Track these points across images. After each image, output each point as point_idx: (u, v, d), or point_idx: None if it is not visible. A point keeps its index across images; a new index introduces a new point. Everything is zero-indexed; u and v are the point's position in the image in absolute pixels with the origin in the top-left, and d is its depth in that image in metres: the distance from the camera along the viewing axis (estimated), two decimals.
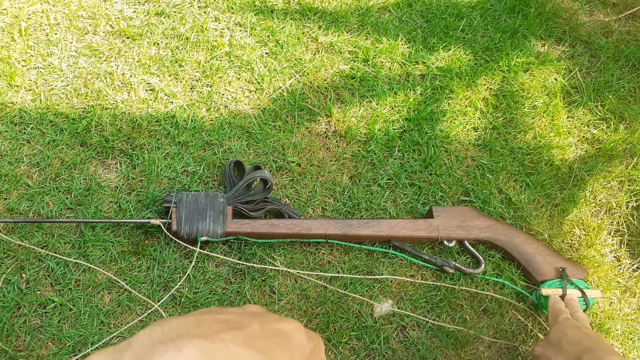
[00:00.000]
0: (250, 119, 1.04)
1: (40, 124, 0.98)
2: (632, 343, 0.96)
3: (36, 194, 0.92)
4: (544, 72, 1.17)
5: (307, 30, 1.14)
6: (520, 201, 1.02)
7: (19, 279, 0.86)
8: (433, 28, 1.18)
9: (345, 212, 0.98)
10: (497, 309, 0.94)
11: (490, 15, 1.23)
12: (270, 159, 1.00)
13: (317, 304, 0.91)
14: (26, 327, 0.84)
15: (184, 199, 0.89)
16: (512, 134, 1.09)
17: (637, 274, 1.01)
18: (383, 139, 1.05)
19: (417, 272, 0.95)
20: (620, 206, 1.05)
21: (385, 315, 0.91)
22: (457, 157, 1.05)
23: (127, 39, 1.08)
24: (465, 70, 1.14)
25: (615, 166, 1.08)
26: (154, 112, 1.02)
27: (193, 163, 0.98)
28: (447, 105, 1.10)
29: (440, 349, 0.90)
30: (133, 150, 0.98)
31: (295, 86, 1.08)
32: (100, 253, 0.90)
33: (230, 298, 0.89)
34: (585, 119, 1.13)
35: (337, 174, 1.01)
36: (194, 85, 1.06)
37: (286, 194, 0.98)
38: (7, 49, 1.04)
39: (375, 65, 1.12)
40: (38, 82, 1.02)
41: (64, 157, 0.96)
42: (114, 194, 0.94)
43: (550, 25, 1.23)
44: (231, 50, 1.09)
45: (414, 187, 1.02)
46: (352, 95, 1.09)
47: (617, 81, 1.17)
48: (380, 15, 1.19)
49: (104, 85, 1.03)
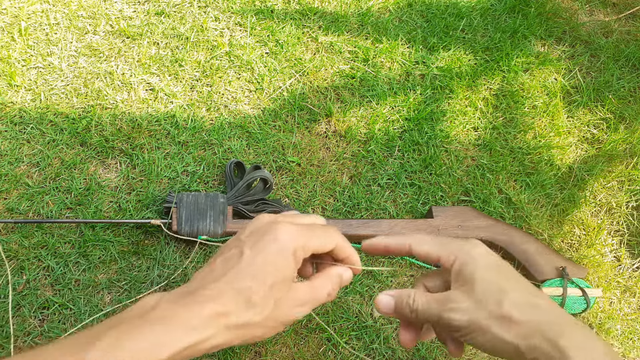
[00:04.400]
0: (250, 118, 1.04)
1: (40, 123, 0.98)
2: (632, 343, 0.96)
3: (36, 193, 0.92)
4: (544, 72, 1.17)
5: (307, 30, 1.14)
6: (520, 201, 1.02)
7: (18, 279, 0.86)
8: (433, 28, 1.18)
9: (345, 212, 0.98)
10: None
11: (490, 15, 1.23)
12: (270, 159, 1.00)
13: None
14: (26, 327, 0.84)
15: (184, 199, 0.89)
16: (512, 134, 1.09)
17: (637, 274, 1.01)
18: (383, 138, 1.05)
19: (417, 272, 0.95)
20: (620, 206, 1.05)
21: (385, 315, 0.91)
22: (457, 157, 1.05)
23: (127, 38, 1.08)
24: (465, 70, 1.14)
25: (615, 166, 1.08)
26: (154, 112, 1.02)
27: (193, 163, 0.98)
28: (447, 105, 1.10)
29: (440, 349, 0.90)
30: (133, 150, 0.98)
31: (295, 86, 1.08)
32: (100, 253, 0.90)
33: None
34: (585, 119, 1.13)
35: (337, 174, 1.01)
36: (194, 85, 1.06)
37: (286, 193, 0.98)
38: (7, 49, 1.04)
39: (375, 65, 1.12)
40: (38, 82, 1.02)
41: (64, 156, 0.96)
42: (114, 194, 0.94)
43: (550, 25, 1.23)
44: (231, 50, 1.09)
45: (414, 187, 1.02)
46: (352, 95, 1.09)
47: (617, 81, 1.17)
48: (380, 15, 1.19)
49: (104, 85, 1.03)
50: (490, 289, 0.45)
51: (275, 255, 0.45)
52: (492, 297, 0.45)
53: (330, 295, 0.50)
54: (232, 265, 0.44)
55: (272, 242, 0.45)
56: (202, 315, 0.42)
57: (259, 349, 0.87)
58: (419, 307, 0.49)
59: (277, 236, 0.45)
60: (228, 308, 0.43)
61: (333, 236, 0.50)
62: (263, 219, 0.48)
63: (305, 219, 0.51)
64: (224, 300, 0.43)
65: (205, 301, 0.43)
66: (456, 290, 0.47)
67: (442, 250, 0.49)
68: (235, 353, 0.86)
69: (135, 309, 0.44)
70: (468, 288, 0.46)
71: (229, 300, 0.43)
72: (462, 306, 0.46)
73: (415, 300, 0.49)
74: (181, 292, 0.44)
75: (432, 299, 0.48)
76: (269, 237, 0.45)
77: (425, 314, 0.48)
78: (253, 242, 0.45)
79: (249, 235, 0.46)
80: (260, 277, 0.44)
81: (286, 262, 0.45)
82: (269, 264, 0.44)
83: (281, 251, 0.45)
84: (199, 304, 0.42)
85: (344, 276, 0.52)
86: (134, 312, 0.43)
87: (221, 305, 0.43)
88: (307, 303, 0.48)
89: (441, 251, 0.49)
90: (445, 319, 0.46)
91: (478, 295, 0.45)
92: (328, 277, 0.51)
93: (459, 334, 0.47)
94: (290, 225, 0.46)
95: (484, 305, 0.45)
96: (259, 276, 0.44)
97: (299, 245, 0.46)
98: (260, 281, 0.44)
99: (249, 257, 0.44)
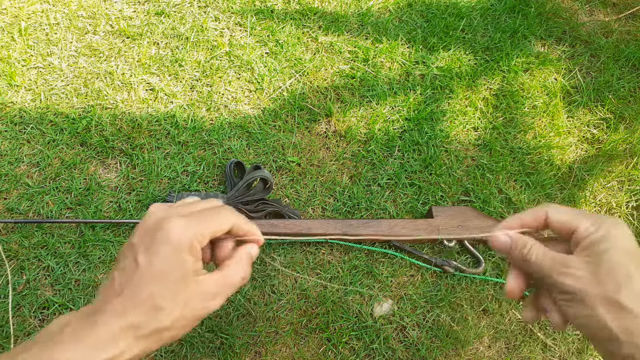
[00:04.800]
0: (250, 118, 1.04)
1: (40, 123, 0.98)
2: None
3: (36, 193, 0.92)
4: (544, 72, 1.17)
5: (307, 30, 1.14)
6: (520, 201, 1.02)
7: (18, 279, 0.86)
8: (433, 28, 1.18)
9: (345, 212, 0.98)
10: (497, 309, 0.94)
11: (490, 15, 1.23)
12: (270, 159, 1.00)
13: (317, 303, 0.91)
14: (26, 327, 0.84)
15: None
16: (512, 134, 1.09)
17: None
18: (383, 138, 1.05)
19: (417, 272, 0.95)
20: (620, 206, 1.05)
21: (385, 315, 0.91)
22: (457, 157, 1.05)
23: (127, 38, 1.08)
24: (465, 70, 1.14)
25: (615, 166, 1.08)
26: (154, 112, 1.02)
27: (193, 163, 0.98)
28: (447, 105, 1.10)
29: (440, 349, 0.90)
30: (133, 150, 0.98)
31: (295, 86, 1.08)
32: (100, 253, 0.90)
33: (230, 297, 0.89)
34: (585, 119, 1.13)
35: (337, 174, 1.01)
36: (194, 85, 1.06)
37: (286, 193, 0.98)
38: (7, 49, 1.04)
39: (375, 65, 1.12)
40: (38, 82, 1.02)
41: (64, 156, 0.96)
42: (114, 194, 0.94)
43: (550, 25, 1.23)
44: (231, 50, 1.09)
45: (414, 187, 1.02)
46: (352, 95, 1.09)
47: (617, 81, 1.17)
48: (380, 15, 1.19)
49: (104, 85, 1.03)
50: (616, 270, 0.44)
51: (171, 255, 0.44)
52: (613, 279, 0.43)
53: (245, 278, 0.49)
54: (131, 276, 0.44)
55: (164, 243, 0.44)
56: (111, 331, 0.42)
57: (259, 349, 0.87)
58: (532, 257, 0.48)
59: (169, 235, 0.44)
60: (135, 320, 0.43)
61: (227, 216, 0.49)
62: (152, 216, 0.46)
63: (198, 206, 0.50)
64: (130, 313, 0.43)
65: (112, 317, 0.43)
66: (578, 257, 0.46)
67: (582, 220, 0.47)
68: (236, 353, 0.86)
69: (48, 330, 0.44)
70: (594, 260, 0.45)
71: (135, 311, 0.43)
72: (578, 273, 0.45)
73: (531, 249, 0.49)
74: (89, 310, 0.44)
75: (549, 255, 0.48)
76: (161, 238, 0.44)
77: (538, 266, 0.48)
78: (145, 246, 0.44)
79: (141, 237, 0.45)
80: (161, 281, 0.43)
81: (184, 259, 0.44)
82: (166, 266, 0.44)
83: (176, 249, 0.44)
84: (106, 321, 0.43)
85: (252, 253, 0.51)
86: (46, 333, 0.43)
87: (128, 319, 0.43)
88: (219, 294, 0.47)
89: (581, 221, 0.47)
90: (555, 279, 0.46)
91: (600, 272, 0.44)
92: (238, 261, 0.50)
93: (561, 298, 0.46)
94: (179, 218, 0.45)
95: (601, 282, 0.44)
96: (159, 280, 0.43)
97: (193, 237, 0.45)
98: (162, 285, 0.43)
99: (144, 263, 0.44)
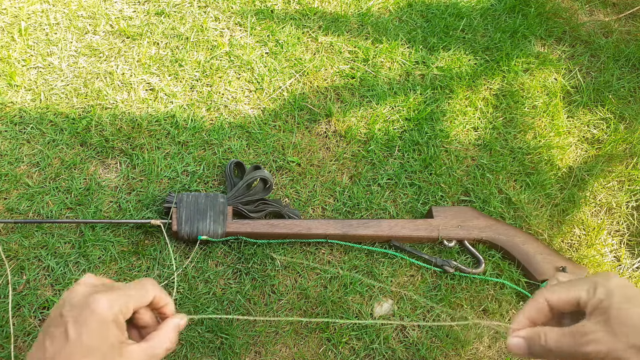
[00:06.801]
0: (250, 118, 1.04)
1: (40, 123, 0.98)
2: None
3: (36, 193, 0.92)
4: (544, 72, 1.17)
5: (307, 30, 1.14)
6: (520, 201, 1.02)
7: (18, 279, 0.86)
8: (433, 28, 1.18)
9: (345, 212, 0.98)
10: (497, 309, 0.94)
11: (490, 15, 1.23)
12: (270, 159, 1.00)
13: (317, 303, 0.91)
14: (26, 327, 0.84)
15: (184, 199, 0.89)
16: (512, 134, 1.09)
17: (637, 274, 1.01)
18: (383, 138, 1.05)
19: (417, 272, 0.95)
20: (620, 206, 1.05)
21: (385, 315, 0.91)
22: (457, 157, 1.05)
23: (127, 38, 1.08)
24: (465, 70, 1.14)
25: (615, 166, 1.08)
26: (154, 112, 1.02)
27: (193, 163, 0.98)
28: (447, 105, 1.10)
29: (440, 349, 0.90)
30: (133, 150, 0.98)
31: (295, 86, 1.08)
32: (100, 253, 0.90)
33: (230, 298, 0.89)
34: (585, 119, 1.13)
35: (337, 174, 1.01)
36: (194, 85, 1.06)
37: (286, 193, 0.98)
38: (7, 49, 1.04)
39: (375, 65, 1.12)
40: (38, 82, 1.02)
41: (64, 156, 0.96)
42: (114, 194, 0.94)
43: (550, 25, 1.23)
44: (231, 50, 1.09)
45: (414, 187, 1.02)
46: (352, 95, 1.09)
47: (617, 81, 1.17)
48: (380, 15, 1.19)
49: (104, 85, 1.03)
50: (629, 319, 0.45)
51: (98, 327, 0.47)
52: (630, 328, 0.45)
53: (169, 348, 0.53)
54: (61, 346, 0.46)
55: (91, 316, 0.47)
56: None
57: (259, 349, 0.87)
58: (552, 344, 0.48)
59: (95, 309, 0.47)
60: None
61: (149, 289, 0.53)
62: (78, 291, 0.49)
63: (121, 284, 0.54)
64: None
65: None
66: (590, 322, 0.47)
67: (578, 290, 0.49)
68: (236, 353, 0.86)
69: None
70: (604, 319, 0.46)
71: None
72: (598, 336, 0.45)
73: (547, 338, 0.49)
74: None
75: (565, 334, 0.48)
76: (88, 311, 0.47)
77: (559, 350, 0.48)
78: (74, 318, 0.47)
79: (69, 310, 0.48)
80: (89, 352, 0.46)
81: (110, 331, 0.48)
82: (94, 338, 0.47)
83: (102, 322, 0.47)
84: None
85: (181, 323, 0.55)
86: None
87: None
88: None
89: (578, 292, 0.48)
90: (582, 352, 0.46)
91: (616, 326, 0.45)
92: (165, 332, 0.53)
93: None
94: (104, 294, 0.49)
95: (623, 335, 0.45)
96: (88, 352, 0.46)
97: (117, 310, 0.48)
98: (91, 357, 0.46)
99: (74, 334, 0.46)
